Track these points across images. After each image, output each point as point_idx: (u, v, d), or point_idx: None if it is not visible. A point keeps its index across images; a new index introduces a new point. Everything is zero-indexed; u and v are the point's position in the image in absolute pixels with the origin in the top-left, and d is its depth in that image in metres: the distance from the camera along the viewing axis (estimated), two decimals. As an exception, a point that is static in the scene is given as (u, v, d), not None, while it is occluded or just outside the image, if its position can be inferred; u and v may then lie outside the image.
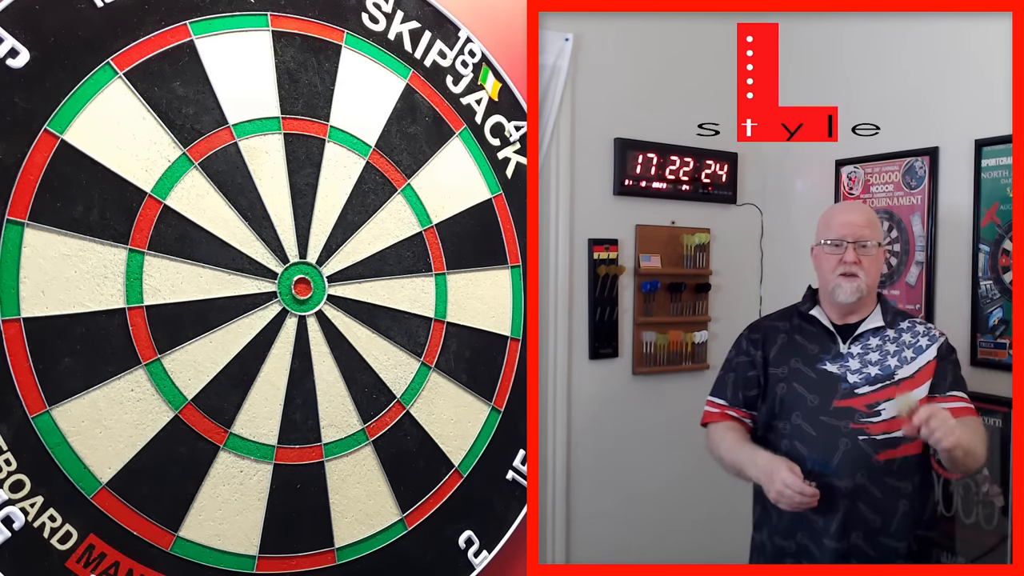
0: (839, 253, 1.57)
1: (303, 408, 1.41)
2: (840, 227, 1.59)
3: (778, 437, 1.59)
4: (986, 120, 1.86)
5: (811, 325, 1.64)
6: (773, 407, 1.61)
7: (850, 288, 1.56)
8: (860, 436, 1.51)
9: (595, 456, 2.25)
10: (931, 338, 1.58)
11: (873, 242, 1.58)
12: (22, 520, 1.15)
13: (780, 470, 1.43)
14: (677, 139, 2.33)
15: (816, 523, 1.52)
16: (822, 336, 1.62)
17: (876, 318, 1.60)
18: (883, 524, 1.50)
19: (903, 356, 1.56)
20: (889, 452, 1.50)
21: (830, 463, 1.50)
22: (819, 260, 1.64)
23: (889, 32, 2.12)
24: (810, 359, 1.60)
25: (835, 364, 1.58)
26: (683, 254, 2.39)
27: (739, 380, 1.67)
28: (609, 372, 2.28)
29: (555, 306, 2.16)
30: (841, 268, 1.56)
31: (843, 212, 1.66)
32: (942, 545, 1.89)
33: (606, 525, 2.27)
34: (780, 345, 1.64)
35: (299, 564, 1.39)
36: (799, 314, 1.67)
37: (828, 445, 1.52)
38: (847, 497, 1.49)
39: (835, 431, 1.52)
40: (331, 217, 1.46)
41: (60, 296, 1.19)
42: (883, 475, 1.50)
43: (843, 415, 1.53)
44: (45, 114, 1.18)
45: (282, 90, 1.40)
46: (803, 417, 1.56)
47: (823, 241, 1.61)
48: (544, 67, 2.04)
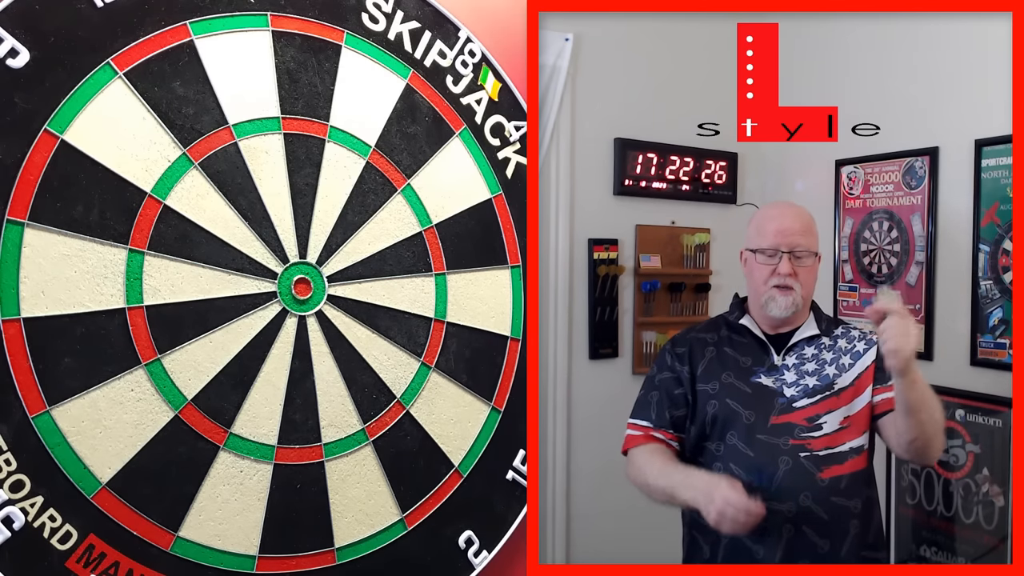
0: (772, 264, 1.45)
1: (303, 408, 1.41)
2: (774, 235, 1.46)
3: (710, 460, 1.45)
4: (986, 120, 1.86)
5: (741, 336, 1.51)
6: (704, 427, 1.47)
7: (784, 302, 1.44)
8: (802, 453, 1.39)
9: (595, 456, 2.25)
10: (868, 342, 1.47)
11: (810, 251, 1.46)
12: (22, 520, 1.15)
13: (720, 487, 1.29)
14: (677, 139, 2.33)
15: (756, 554, 1.38)
16: (754, 347, 1.49)
17: (810, 326, 1.49)
18: (831, 549, 1.38)
19: (841, 363, 1.45)
20: (834, 468, 1.39)
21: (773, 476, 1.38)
22: (750, 269, 1.50)
23: (889, 32, 2.12)
24: (743, 372, 1.47)
25: (770, 377, 1.45)
26: (683, 254, 2.39)
27: (664, 399, 1.50)
28: (609, 372, 2.28)
29: (555, 306, 2.16)
30: (775, 280, 1.44)
31: (777, 218, 1.50)
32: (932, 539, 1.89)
33: (606, 525, 2.26)
34: (708, 359, 1.50)
35: (299, 564, 1.39)
36: (727, 324, 1.54)
37: (767, 465, 1.39)
38: (790, 522, 1.36)
39: (774, 449, 1.40)
40: (331, 217, 1.46)
41: (60, 296, 1.19)
42: (829, 494, 1.38)
43: (782, 431, 1.41)
44: (45, 114, 1.18)
45: (282, 90, 1.40)
46: (738, 436, 1.43)
47: (755, 249, 1.49)
48: (544, 67, 2.04)
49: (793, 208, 1.55)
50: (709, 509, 1.28)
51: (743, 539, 1.37)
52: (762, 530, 1.33)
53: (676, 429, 1.50)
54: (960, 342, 1.93)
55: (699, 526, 1.45)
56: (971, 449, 1.89)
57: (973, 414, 1.90)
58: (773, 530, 1.36)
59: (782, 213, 1.53)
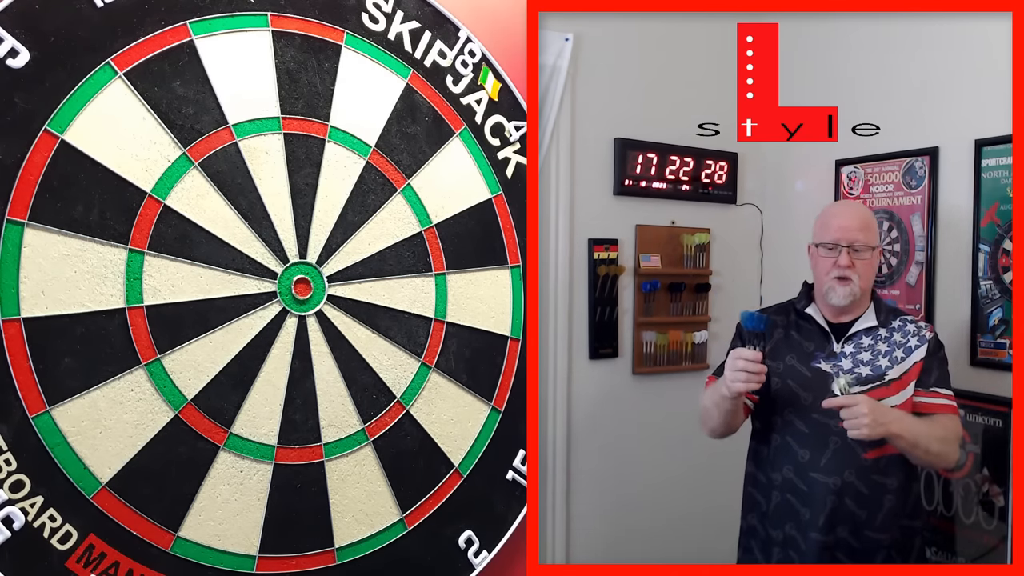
0: (834, 256, 1.58)
1: (303, 408, 1.41)
2: (835, 231, 1.60)
3: (771, 431, 1.63)
4: (986, 120, 1.86)
5: (807, 323, 1.65)
6: (766, 399, 1.63)
7: (843, 292, 1.57)
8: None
9: (595, 456, 2.25)
10: (920, 338, 1.59)
11: (868, 246, 1.59)
12: (22, 520, 1.15)
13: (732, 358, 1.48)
14: (677, 139, 2.33)
15: (803, 516, 1.56)
16: (817, 334, 1.63)
17: (869, 317, 1.62)
18: (868, 518, 1.54)
19: (894, 356, 1.58)
20: (877, 451, 1.53)
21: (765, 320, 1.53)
22: (815, 261, 1.65)
23: (889, 32, 2.12)
24: (805, 357, 1.61)
25: (828, 363, 1.58)
26: (683, 254, 2.39)
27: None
28: (609, 372, 2.28)
29: (555, 306, 2.16)
30: (835, 272, 1.58)
31: (839, 215, 1.65)
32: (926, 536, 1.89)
33: (606, 525, 2.27)
34: (776, 340, 1.65)
35: (299, 564, 1.39)
36: (795, 311, 1.68)
37: (819, 442, 1.55)
38: (834, 493, 1.53)
39: (826, 429, 1.54)
40: (331, 217, 1.46)
41: (60, 296, 1.19)
42: (870, 472, 1.54)
43: (834, 414, 1.52)
44: (45, 114, 1.18)
45: (282, 90, 1.40)
46: (795, 413, 1.59)
47: (818, 244, 1.63)
48: (544, 67, 2.04)
49: (854, 206, 1.73)
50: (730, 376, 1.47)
51: (792, 501, 1.57)
52: (809, 497, 1.55)
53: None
54: (960, 342, 1.93)
55: (757, 483, 1.66)
56: (971, 449, 1.89)
57: (973, 414, 1.90)
58: (819, 498, 1.54)
59: (843, 211, 1.70)
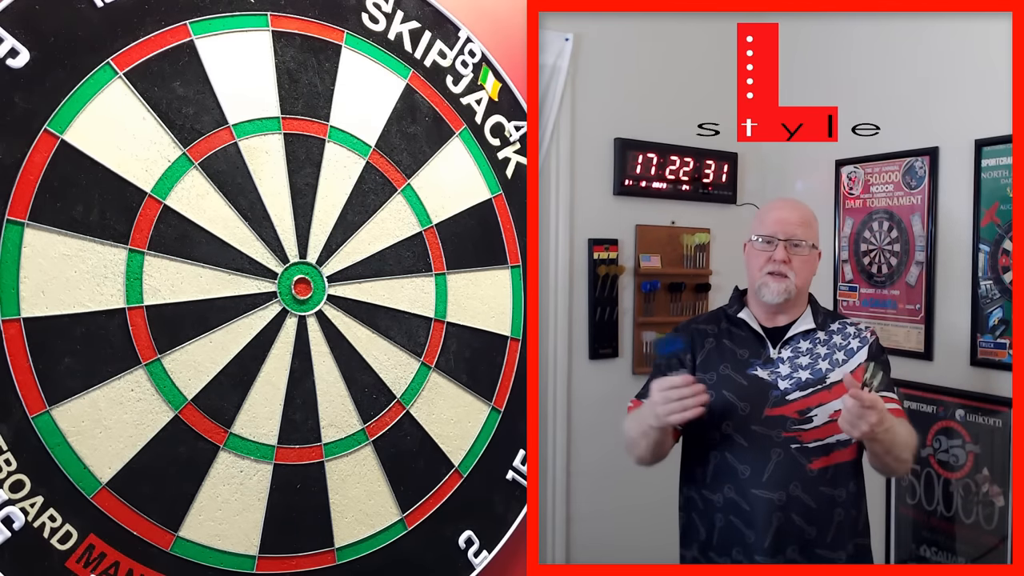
0: (769, 251, 1.50)
1: (303, 408, 1.41)
2: (773, 223, 1.52)
3: (707, 448, 1.51)
4: (986, 120, 1.86)
5: (739, 329, 1.55)
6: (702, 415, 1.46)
7: (777, 288, 1.49)
8: (793, 445, 1.44)
9: (595, 456, 2.25)
10: (862, 339, 1.52)
11: (806, 242, 1.51)
12: (22, 520, 1.15)
13: (652, 392, 1.37)
14: (677, 139, 2.33)
15: (748, 538, 1.45)
16: (751, 340, 1.54)
17: (807, 320, 1.53)
18: (818, 535, 1.44)
19: (834, 359, 1.49)
20: (822, 460, 1.44)
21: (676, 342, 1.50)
22: (749, 257, 1.56)
23: (889, 32, 2.12)
24: (740, 364, 1.51)
25: (765, 370, 1.49)
26: (683, 254, 2.39)
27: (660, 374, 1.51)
28: (609, 372, 2.28)
29: (555, 306, 2.16)
30: (770, 267, 1.49)
31: (778, 209, 1.57)
32: (931, 539, 1.89)
33: (606, 525, 2.26)
34: (708, 350, 1.55)
35: (299, 564, 1.39)
36: (727, 317, 1.59)
37: (760, 455, 1.45)
38: (780, 510, 1.43)
39: (767, 441, 1.45)
40: (331, 217, 1.46)
41: (60, 296, 1.19)
42: (817, 484, 1.44)
43: (775, 424, 1.46)
44: (45, 114, 1.18)
45: (282, 90, 1.40)
46: (733, 427, 1.48)
47: (754, 237, 1.54)
48: (544, 67, 2.04)
49: (794, 203, 1.60)
50: (656, 411, 1.36)
51: (735, 523, 1.46)
52: (753, 517, 1.43)
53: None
54: (960, 342, 1.93)
55: (696, 508, 1.53)
56: (971, 449, 1.89)
57: (973, 414, 1.90)
58: (764, 517, 1.43)
59: (783, 205, 1.60)
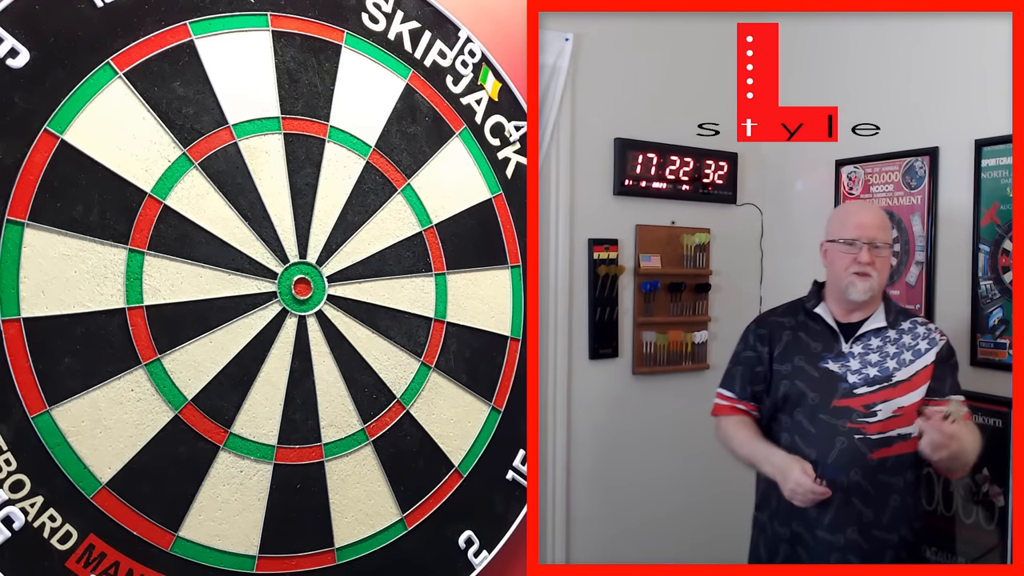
0: (853, 252, 1.60)
1: (303, 408, 1.41)
2: (855, 228, 1.62)
3: (779, 430, 1.65)
4: (986, 120, 1.86)
5: (815, 323, 1.67)
6: (776, 402, 1.65)
7: (863, 287, 1.59)
8: (856, 435, 1.55)
9: (595, 456, 2.25)
10: (931, 341, 1.61)
11: (885, 244, 1.62)
12: (22, 520, 1.15)
13: (794, 470, 1.51)
14: (677, 139, 2.33)
15: (810, 514, 1.57)
16: (825, 334, 1.65)
17: (879, 318, 1.63)
18: (875, 518, 1.56)
19: (902, 359, 1.59)
20: (883, 451, 1.55)
21: (839, 471, 1.55)
22: (832, 257, 1.66)
23: (889, 32, 2.12)
24: (813, 357, 1.63)
25: (837, 363, 1.61)
26: (683, 254, 2.39)
27: (747, 375, 1.71)
28: (609, 372, 2.27)
29: (555, 306, 2.15)
30: (855, 268, 1.59)
31: (858, 213, 1.68)
32: (931, 539, 1.89)
33: (606, 525, 2.26)
34: (785, 342, 1.67)
35: (299, 564, 1.39)
36: (804, 311, 1.70)
37: (826, 442, 1.56)
38: (841, 492, 1.54)
39: (833, 429, 1.56)
40: (331, 217, 1.46)
41: (60, 296, 1.19)
42: (876, 472, 1.55)
43: (841, 414, 1.57)
44: (45, 114, 1.18)
45: (282, 90, 1.40)
46: (803, 414, 1.60)
47: (837, 239, 1.64)
48: (544, 67, 2.04)
49: (871, 206, 1.80)
50: (784, 487, 1.52)
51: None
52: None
53: (756, 401, 1.70)
54: (960, 342, 1.93)
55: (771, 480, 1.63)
56: (971, 449, 1.89)
57: (973, 414, 1.90)
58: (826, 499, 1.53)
59: (862, 209, 1.76)
